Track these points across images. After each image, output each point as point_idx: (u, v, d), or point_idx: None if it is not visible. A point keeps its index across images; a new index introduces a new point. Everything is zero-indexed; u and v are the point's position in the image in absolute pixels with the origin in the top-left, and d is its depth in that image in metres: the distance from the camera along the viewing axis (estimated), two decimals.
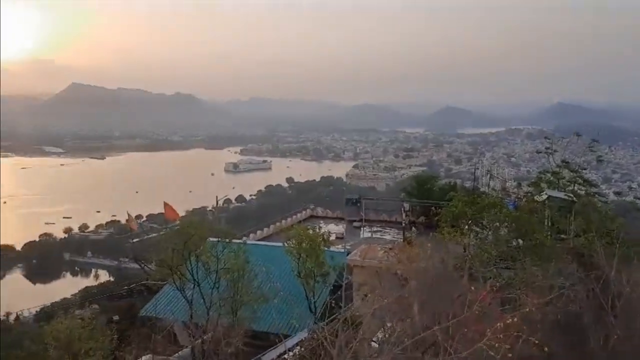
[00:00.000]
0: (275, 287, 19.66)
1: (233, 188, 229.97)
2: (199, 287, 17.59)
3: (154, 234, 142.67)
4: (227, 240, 18.74)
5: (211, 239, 18.85)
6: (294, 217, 37.78)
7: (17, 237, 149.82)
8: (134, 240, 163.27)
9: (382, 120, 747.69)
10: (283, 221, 36.10)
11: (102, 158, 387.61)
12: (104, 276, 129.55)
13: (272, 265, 20.80)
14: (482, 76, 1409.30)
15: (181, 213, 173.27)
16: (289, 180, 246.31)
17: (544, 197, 23.07)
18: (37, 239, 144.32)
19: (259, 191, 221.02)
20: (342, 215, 39.58)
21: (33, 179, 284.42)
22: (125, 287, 28.37)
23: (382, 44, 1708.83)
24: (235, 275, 17.24)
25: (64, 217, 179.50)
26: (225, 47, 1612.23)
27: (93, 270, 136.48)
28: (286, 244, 18.62)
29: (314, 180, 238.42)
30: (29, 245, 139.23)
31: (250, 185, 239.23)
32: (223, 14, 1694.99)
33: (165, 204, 29.32)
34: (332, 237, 22.07)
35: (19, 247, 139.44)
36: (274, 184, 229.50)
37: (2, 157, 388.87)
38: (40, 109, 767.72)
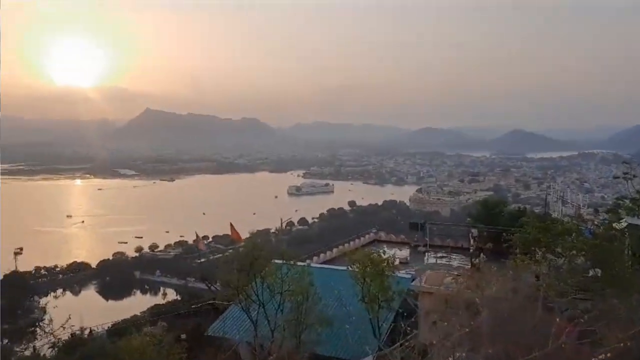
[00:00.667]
0: (339, 311, 19.44)
1: (296, 211, 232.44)
2: (263, 308, 17.70)
3: (219, 255, 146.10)
4: (292, 262, 18.85)
5: (276, 261, 18.98)
6: (358, 240, 37.40)
7: (93, 255, 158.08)
8: (200, 260, 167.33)
9: (447, 143, 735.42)
10: (346, 244, 35.80)
11: (172, 180, 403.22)
12: (172, 294, 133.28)
13: (335, 289, 20.64)
14: (552, 99, 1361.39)
15: (245, 235, 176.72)
16: (351, 203, 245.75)
17: (624, 224, 21.62)
18: (111, 257, 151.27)
19: (321, 214, 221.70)
20: (407, 240, 38.79)
21: (108, 199, 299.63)
22: (193, 306, 28.93)
23: (446, 67, 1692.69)
24: (299, 297, 17.27)
25: (135, 237, 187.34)
26: (289, 74, 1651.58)
27: (161, 288, 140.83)
28: (350, 268, 18.47)
29: (376, 203, 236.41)
30: (103, 263, 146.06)
31: (312, 208, 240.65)
32: (288, 42, 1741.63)
33: (231, 226, 29.79)
34: (396, 262, 21.58)
35: (94, 265, 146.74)
36: (336, 207, 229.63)
37: (82, 179, 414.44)
38: (116, 133, 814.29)
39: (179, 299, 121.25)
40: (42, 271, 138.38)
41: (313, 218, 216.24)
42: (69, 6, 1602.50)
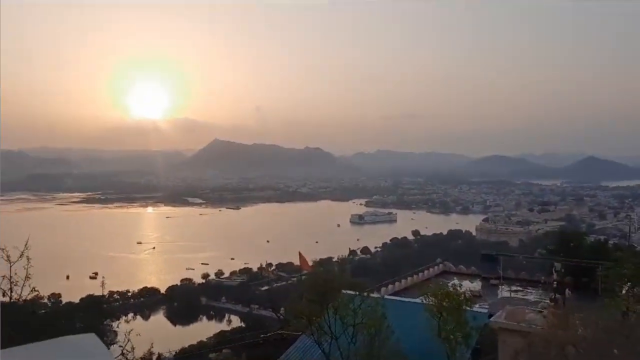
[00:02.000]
0: (413, 346, 18.72)
1: (357, 240, 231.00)
2: (336, 340, 17.32)
3: (282, 282, 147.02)
4: (365, 294, 18.45)
5: (345, 291, 18.60)
6: (427, 271, 36.34)
7: (162, 281, 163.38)
8: (264, 288, 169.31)
9: (515, 171, 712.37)
10: (415, 276, 34.86)
11: (237, 208, 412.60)
12: (236, 321, 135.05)
13: (408, 322, 19.97)
14: (626, 125, 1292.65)
15: (308, 263, 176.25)
16: (415, 232, 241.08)
17: None
18: (179, 283, 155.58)
19: (384, 243, 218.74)
20: (477, 272, 37.27)
21: (176, 227, 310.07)
22: (262, 336, 28.88)
23: (513, 93, 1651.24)
24: (372, 330, 16.79)
25: (202, 263, 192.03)
26: (352, 103, 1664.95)
27: (226, 315, 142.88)
28: (424, 301, 17.82)
29: (441, 233, 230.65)
30: (171, 289, 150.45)
31: (375, 237, 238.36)
32: (350, 71, 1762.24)
33: (300, 255, 29.74)
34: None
35: (163, 290, 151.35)
36: (399, 237, 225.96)
37: (153, 207, 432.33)
38: (186, 163, 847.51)
39: (244, 326, 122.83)
40: (115, 295, 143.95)
41: (376, 247, 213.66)
42: (144, 45, 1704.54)
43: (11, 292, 15.15)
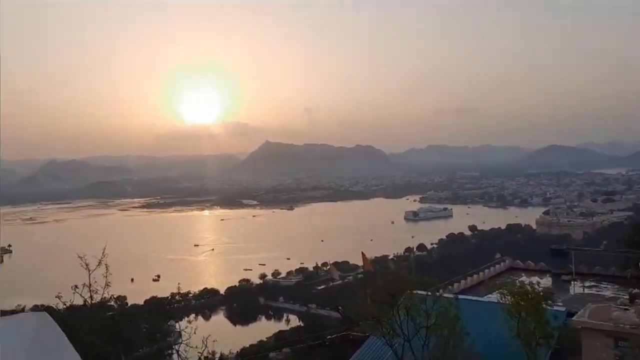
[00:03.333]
0: (489, 348, 17.85)
1: (412, 237, 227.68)
2: (409, 343, 16.73)
3: (338, 282, 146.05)
4: (438, 294, 17.76)
5: (416, 291, 17.91)
6: (492, 269, 35.01)
7: (221, 282, 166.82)
8: (320, 287, 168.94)
9: (575, 162, 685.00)
10: (481, 273, 33.63)
11: (291, 209, 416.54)
12: (294, 321, 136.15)
13: (482, 323, 19.08)
14: None
15: (361, 262, 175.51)
16: (472, 228, 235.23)
17: None
18: (237, 284, 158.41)
19: (441, 240, 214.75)
20: (547, 268, 35.55)
21: (231, 229, 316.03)
22: (329, 337, 28.58)
23: (569, 81, 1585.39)
24: (445, 332, 16.10)
25: (259, 264, 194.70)
26: (402, 99, 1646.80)
27: (284, 314, 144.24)
28: (502, 300, 16.93)
29: (499, 227, 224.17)
30: (230, 290, 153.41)
31: (431, 234, 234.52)
32: (399, 68, 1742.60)
33: (363, 255, 29.27)
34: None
35: (222, 291, 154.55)
36: (455, 232, 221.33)
37: (209, 210, 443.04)
38: (239, 165, 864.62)
39: (302, 325, 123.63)
40: (177, 297, 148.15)
41: (432, 244, 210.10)
42: (194, 52, 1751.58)
43: (91, 300, 15.51)
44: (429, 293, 17.67)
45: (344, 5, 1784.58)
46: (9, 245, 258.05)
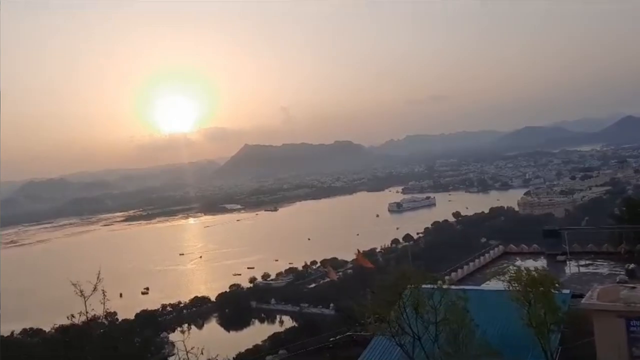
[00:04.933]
0: (499, 338, 17.52)
1: (397, 228, 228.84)
2: (419, 341, 16.29)
3: (328, 279, 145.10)
4: (444, 287, 17.33)
5: (425, 286, 17.46)
6: (487, 255, 34.85)
7: (211, 289, 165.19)
8: (311, 286, 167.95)
9: (550, 141, 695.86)
10: (476, 260, 33.44)
11: (275, 210, 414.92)
12: (288, 322, 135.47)
13: (489, 313, 18.75)
14: None
15: (351, 257, 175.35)
16: (456, 214, 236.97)
17: None
18: (228, 290, 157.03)
19: (426, 229, 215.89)
20: (541, 250, 35.54)
21: (216, 235, 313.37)
22: (332, 339, 28.08)
23: (538, 63, 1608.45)
24: (454, 326, 15.71)
25: (247, 268, 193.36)
26: (376, 92, 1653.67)
27: (277, 316, 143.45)
28: (508, 288, 16.60)
29: (482, 212, 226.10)
30: (221, 296, 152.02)
31: (416, 223, 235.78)
32: (370, 60, 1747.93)
33: (359, 253, 28.93)
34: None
35: (213, 298, 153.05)
36: (440, 220, 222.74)
37: (194, 217, 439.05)
38: (219, 171, 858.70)
39: (296, 325, 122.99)
40: (168, 308, 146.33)
41: (418, 233, 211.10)
42: (166, 61, 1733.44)
43: (89, 325, 14.92)
44: (436, 287, 17.27)
45: (317, 2, 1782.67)
46: None
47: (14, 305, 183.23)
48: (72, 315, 14.66)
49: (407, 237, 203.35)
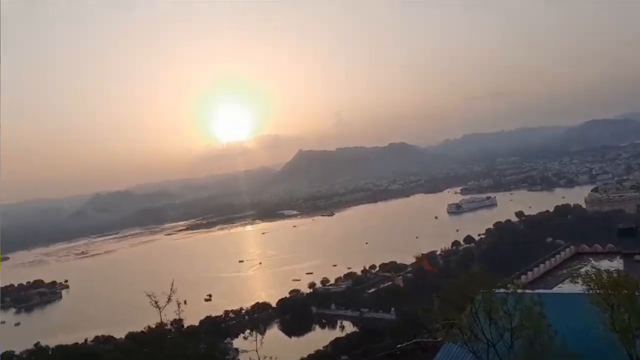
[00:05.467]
0: (579, 345, 16.51)
1: (457, 230, 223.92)
2: (494, 348, 15.61)
3: (389, 282, 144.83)
4: (518, 291, 16.51)
5: (497, 290, 16.72)
6: (557, 256, 33.23)
7: (271, 295, 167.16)
8: (371, 291, 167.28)
9: (617, 134, 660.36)
10: (547, 262, 31.95)
11: (331, 214, 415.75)
12: (349, 327, 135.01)
13: (568, 319, 17.68)
14: None
15: (411, 260, 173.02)
16: (519, 214, 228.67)
17: None
18: (288, 295, 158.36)
19: (488, 229, 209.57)
20: (617, 249, 33.54)
21: (274, 241, 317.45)
22: (399, 345, 27.56)
23: (603, 52, 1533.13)
24: (531, 333, 14.92)
25: (306, 273, 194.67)
26: (431, 91, 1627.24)
27: (338, 321, 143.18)
28: (589, 291, 15.61)
29: (547, 211, 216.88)
30: (282, 302, 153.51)
31: (476, 224, 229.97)
32: (424, 57, 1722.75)
33: (423, 256, 28.21)
34: None
35: (274, 304, 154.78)
36: (502, 221, 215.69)
37: (251, 224, 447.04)
38: (275, 177, 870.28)
39: (357, 330, 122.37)
40: (231, 314, 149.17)
41: (479, 235, 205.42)
42: (223, 72, 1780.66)
43: (160, 335, 15.28)
44: (509, 291, 16.50)
45: (359, 2, 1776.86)
46: (66, 281, 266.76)
47: (86, 313, 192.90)
48: (149, 327, 15.09)
49: (468, 239, 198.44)
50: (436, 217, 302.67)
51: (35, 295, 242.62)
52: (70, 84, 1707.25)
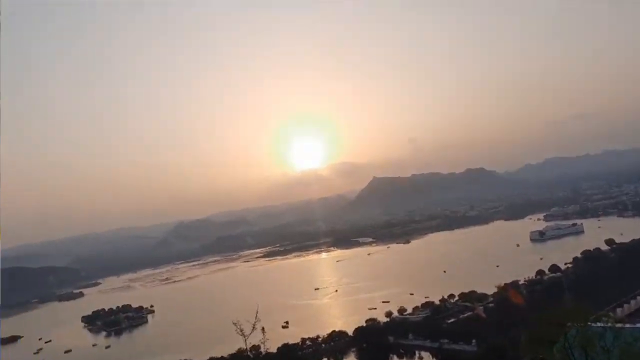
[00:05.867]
0: None
1: (541, 259, 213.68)
2: None
3: (468, 313, 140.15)
4: (617, 325, 15.71)
5: (592, 324, 15.99)
6: None
7: (347, 323, 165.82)
8: (450, 321, 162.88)
9: None
10: None
11: (407, 242, 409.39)
12: (427, 358, 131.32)
13: None
14: None
15: (492, 289, 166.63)
16: (609, 242, 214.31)
17: None
18: (364, 324, 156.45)
19: (575, 258, 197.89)
20: None
21: (348, 269, 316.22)
22: None
23: None
24: None
25: (382, 302, 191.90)
26: (510, 115, 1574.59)
27: (417, 352, 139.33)
28: None
29: None
30: (358, 330, 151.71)
31: (562, 253, 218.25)
32: (502, 80, 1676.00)
33: (508, 286, 27.38)
34: None
35: (350, 332, 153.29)
36: (591, 249, 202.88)
37: (326, 252, 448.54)
38: (349, 205, 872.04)
39: None
40: (307, 342, 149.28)
41: (566, 264, 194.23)
42: (298, 103, 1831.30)
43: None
44: (607, 325, 15.72)
45: (436, 25, 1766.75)
46: (151, 306, 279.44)
47: (171, 338, 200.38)
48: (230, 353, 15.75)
49: (554, 268, 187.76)
50: (518, 245, 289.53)
51: (124, 319, 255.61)
52: (157, 119, 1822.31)
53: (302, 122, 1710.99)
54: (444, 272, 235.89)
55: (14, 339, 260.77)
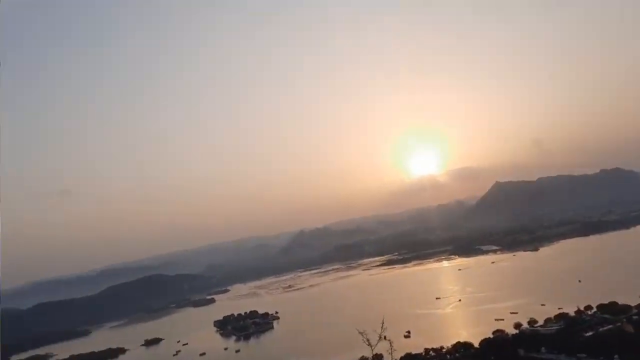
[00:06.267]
0: None
1: None
2: None
3: (609, 326, 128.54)
4: None
5: None
6: None
7: (473, 334, 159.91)
8: (588, 334, 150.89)
9: None
10: None
11: (536, 249, 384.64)
12: None
13: None
14: None
15: (635, 300, 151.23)
16: None
17: None
18: (491, 336, 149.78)
19: None
20: None
21: (470, 278, 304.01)
22: None
23: None
24: None
25: (510, 312, 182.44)
26: None
27: None
28: None
29: None
30: (484, 342, 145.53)
31: None
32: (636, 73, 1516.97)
33: None
34: None
35: (476, 344, 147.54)
36: None
37: (447, 260, 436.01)
38: (469, 211, 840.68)
39: None
40: (431, 352, 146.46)
41: None
42: (420, 107, 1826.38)
43: None
44: None
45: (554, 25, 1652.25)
46: (276, 312, 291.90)
47: (296, 344, 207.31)
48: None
49: None
50: None
51: (251, 325, 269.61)
52: (289, 138, 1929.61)
53: (419, 127, 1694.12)
54: (579, 281, 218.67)
55: (156, 340, 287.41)
